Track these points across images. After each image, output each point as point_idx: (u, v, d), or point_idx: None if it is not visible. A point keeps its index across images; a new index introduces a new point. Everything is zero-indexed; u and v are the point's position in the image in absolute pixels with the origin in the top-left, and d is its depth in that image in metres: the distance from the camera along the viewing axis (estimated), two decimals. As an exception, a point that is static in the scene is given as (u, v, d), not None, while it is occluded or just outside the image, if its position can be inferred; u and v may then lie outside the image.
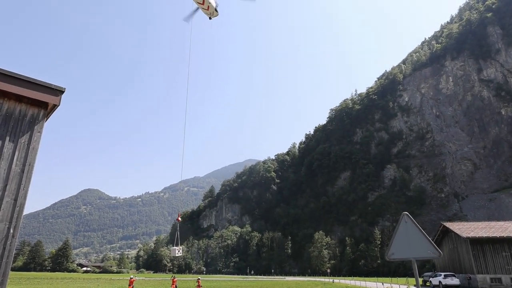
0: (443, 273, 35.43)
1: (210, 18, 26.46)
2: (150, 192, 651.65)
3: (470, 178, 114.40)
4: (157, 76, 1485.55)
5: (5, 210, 6.96)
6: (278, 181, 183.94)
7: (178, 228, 25.78)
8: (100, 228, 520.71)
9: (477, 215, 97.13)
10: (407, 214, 6.32)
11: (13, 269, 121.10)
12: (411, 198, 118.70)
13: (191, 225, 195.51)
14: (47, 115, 8.61)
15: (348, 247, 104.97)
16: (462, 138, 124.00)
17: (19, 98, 7.71)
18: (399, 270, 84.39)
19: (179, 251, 22.66)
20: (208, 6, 24.91)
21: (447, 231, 39.94)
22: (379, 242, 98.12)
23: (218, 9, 25.79)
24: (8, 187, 7.15)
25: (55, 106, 8.57)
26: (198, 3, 23.89)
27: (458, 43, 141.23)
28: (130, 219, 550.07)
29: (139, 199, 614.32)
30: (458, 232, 36.35)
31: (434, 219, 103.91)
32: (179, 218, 26.21)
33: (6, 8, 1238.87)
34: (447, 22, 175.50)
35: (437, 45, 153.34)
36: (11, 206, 7.10)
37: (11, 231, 6.98)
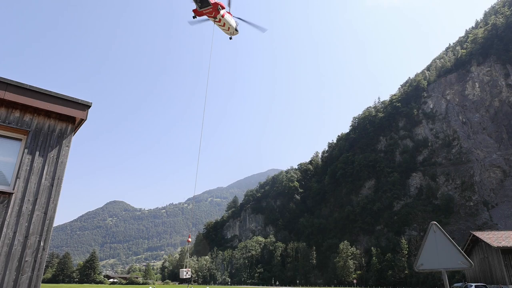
0: (474, 284, 34.25)
1: (230, 38, 27.80)
2: (174, 203, 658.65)
3: (500, 186, 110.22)
4: (181, 85, 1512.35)
5: (36, 223, 7.42)
6: (301, 190, 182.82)
7: (188, 249, 26.21)
8: (125, 239, 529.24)
9: (508, 224, 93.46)
10: (435, 224, 6.29)
11: (42, 281, 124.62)
12: (439, 207, 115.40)
13: (215, 236, 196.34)
14: (74, 130, 9.06)
15: (374, 257, 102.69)
16: (490, 145, 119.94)
17: (48, 114, 8.24)
18: (428, 280, 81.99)
19: (187, 273, 22.90)
20: (229, 27, 26.16)
21: (477, 240, 38.82)
22: (406, 252, 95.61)
23: (238, 28, 27.11)
24: (38, 200, 7.63)
25: (82, 121, 9.07)
26: (216, 22, 24.90)
27: (484, 48, 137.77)
28: (155, 230, 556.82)
29: (164, 210, 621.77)
30: (488, 241, 35.28)
31: (463, 228, 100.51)
32: (189, 239, 26.54)
33: (36, 26, 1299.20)
34: (472, 27, 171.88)
35: (462, 50, 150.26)
36: (41, 219, 7.56)
37: (42, 244, 7.42)
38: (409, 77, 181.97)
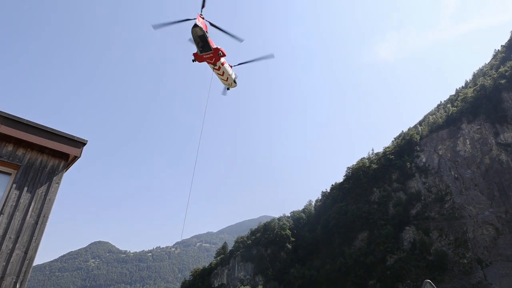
0: None
1: (228, 89, 27.22)
2: (161, 247, 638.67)
3: (493, 243, 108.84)
4: (173, 131, 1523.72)
5: (14, 263, 7.04)
6: (293, 239, 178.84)
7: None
8: (107, 283, 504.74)
9: (503, 284, 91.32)
10: (429, 282, 6.10)
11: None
12: (432, 263, 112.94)
13: (201, 284, 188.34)
14: (67, 166, 8.85)
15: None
16: (482, 202, 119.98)
17: (41, 149, 8.13)
18: None
19: None
20: (227, 78, 25.75)
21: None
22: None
23: (237, 81, 26.64)
24: (20, 239, 7.29)
25: (76, 158, 8.87)
26: (215, 69, 24.84)
27: (474, 107, 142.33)
28: (139, 275, 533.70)
29: (150, 254, 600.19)
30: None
31: (457, 286, 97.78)
32: None
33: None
34: (462, 87, 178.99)
35: (453, 108, 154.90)
36: (21, 259, 7.18)
37: (18, 286, 6.99)
38: (402, 131, 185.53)
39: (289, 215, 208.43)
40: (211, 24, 22.88)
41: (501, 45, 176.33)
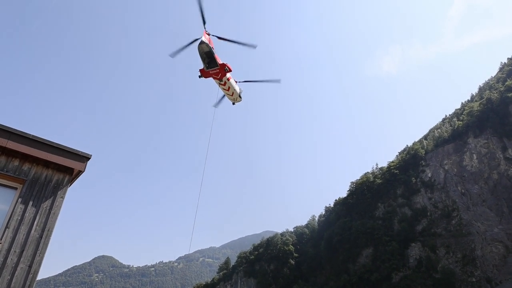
0: None
1: (233, 104, 27.60)
2: (164, 262, 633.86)
3: (503, 262, 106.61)
4: (179, 147, 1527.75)
5: (18, 277, 6.98)
6: (297, 255, 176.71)
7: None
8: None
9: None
10: None
11: None
12: (439, 281, 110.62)
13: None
14: (71, 181, 8.93)
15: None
16: (491, 218, 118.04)
17: (46, 164, 8.22)
18: None
19: None
20: (233, 92, 26.09)
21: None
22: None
23: (242, 95, 27.02)
24: (25, 253, 7.25)
25: (80, 172, 8.94)
26: (221, 84, 25.09)
27: (480, 121, 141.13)
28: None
29: (152, 269, 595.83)
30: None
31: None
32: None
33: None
34: (468, 100, 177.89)
35: (459, 122, 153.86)
36: (26, 272, 7.13)
37: (22, 301, 6.80)
38: (407, 145, 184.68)
39: (292, 230, 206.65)
40: (219, 38, 23.10)
41: (508, 58, 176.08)
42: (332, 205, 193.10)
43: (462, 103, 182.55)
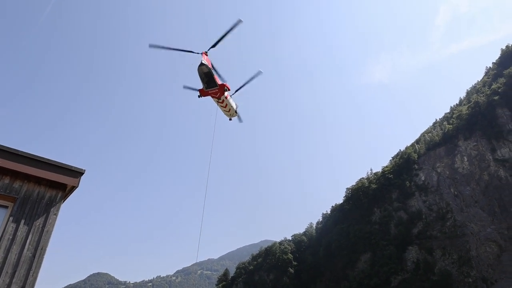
0: None
1: (230, 119, 28.51)
2: (161, 276, 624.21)
3: (497, 261, 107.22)
4: (174, 161, 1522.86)
5: None
6: (296, 263, 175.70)
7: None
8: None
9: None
10: None
11: None
12: (437, 283, 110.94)
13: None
14: (64, 197, 8.81)
15: None
16: (484, 219, 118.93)
17: (38, 181, 8.10)
18: None
19: None
20: (230, 109, 27.02)
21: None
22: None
23: (238, 111, 27.95)
24: (17, 273, 7.15)
25: (73, 188, 8.86)
26: (219, 102, 25.92)
27: (469, 124, 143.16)
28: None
29: (150, 284, 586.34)
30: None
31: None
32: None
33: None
34: (457, 104, 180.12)
35: (449, 125, 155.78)
36: None
37: (15, 320, 6.85)
38: (400, 150, 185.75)
39: (290, 238, 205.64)
40: (212, 47, 23.75)
41: (492, 62, 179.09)
42: (329, 212, 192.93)
43: (451, 107, 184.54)
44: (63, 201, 9.40)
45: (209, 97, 25.93)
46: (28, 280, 7.65)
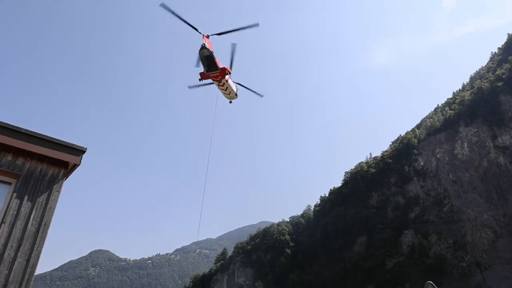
0: None
1: (230, 102, 29.09)
2: (161, 254, 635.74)
3: (492, 247, 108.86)
4: (176, 138, 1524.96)
5: (17, 271, 7.16)
6: (293, 244, 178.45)
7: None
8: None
9: (502, 286, 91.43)
10: (431, 283, 6.28)
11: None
12: (431, 267, 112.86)
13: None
14: (67, 174, 8.99)
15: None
16: (480, 205, 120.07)
17: (41, 158, 8.26)
18: None
19: None
20: (230, 92, 27.52)
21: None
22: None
23: (238, 93, 28.72)
24: (22, 247, 7.39)
25: (75, 166, 9.02)
26: (220, 86, 26.26)
27: (471, 110, 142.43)
28: (139, 282, 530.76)
29: (149, 261, 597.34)
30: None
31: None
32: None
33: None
34: (459, 90, 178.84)
35: (450, 111, 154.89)
36: (23, 267, 7.28)
37: (20, 293, 7.08)
38: (400, 135, 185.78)
39: (288, 220, 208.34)
40: (219, 34, 23.50)
41: (498, 48, 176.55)
42: (327, 195, 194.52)
43: (453, 92, 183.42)
44: (65, 179, 9.51)
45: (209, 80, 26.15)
46: (33, 254, 7.85)
